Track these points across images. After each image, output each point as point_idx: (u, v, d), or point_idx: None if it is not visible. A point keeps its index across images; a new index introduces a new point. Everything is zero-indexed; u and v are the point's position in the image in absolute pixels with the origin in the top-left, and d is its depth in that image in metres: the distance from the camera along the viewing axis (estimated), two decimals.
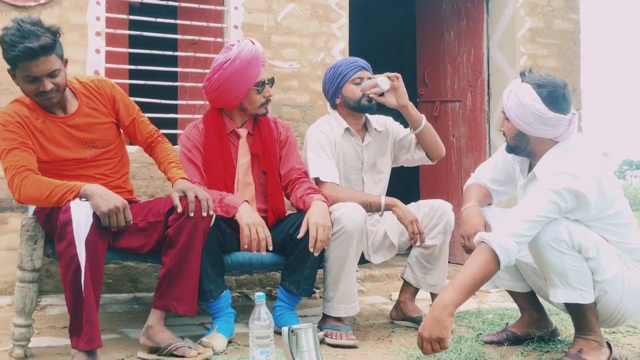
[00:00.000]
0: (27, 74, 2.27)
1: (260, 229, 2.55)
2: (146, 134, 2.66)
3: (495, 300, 3.60)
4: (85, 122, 2.48)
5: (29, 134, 2.36)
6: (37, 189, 2.23)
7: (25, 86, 2.31)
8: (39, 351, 2.45)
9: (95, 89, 2.55)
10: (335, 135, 2.98)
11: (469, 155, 4.72)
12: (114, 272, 3.51)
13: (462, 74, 4.78)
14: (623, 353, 2.46)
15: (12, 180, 2.26)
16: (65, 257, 2.12)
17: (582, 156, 2.21)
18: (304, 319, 2.94)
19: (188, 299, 2.39)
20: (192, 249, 2.38)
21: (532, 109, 2.23)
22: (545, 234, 2.14)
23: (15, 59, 2.24)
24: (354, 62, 3.00)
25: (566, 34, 4.67)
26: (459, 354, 2.35)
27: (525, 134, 2.31)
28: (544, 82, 2.25)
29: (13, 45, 2.21)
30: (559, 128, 2.26)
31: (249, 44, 2.75)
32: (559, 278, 2.17)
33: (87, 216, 2.14)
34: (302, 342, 2.11)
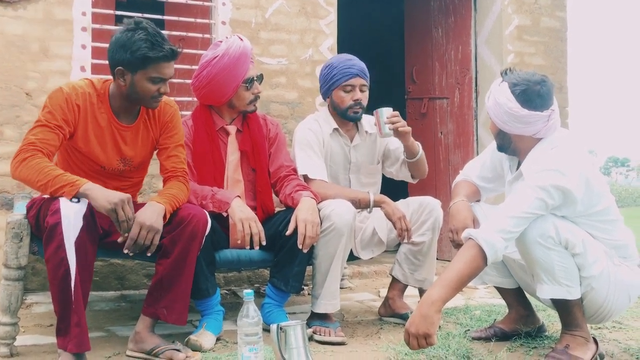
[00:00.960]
0: (157, 75, 2.32)
1: (253, 223, 2.55)
2: (171, 166, 2.53)
3: (483, 297, 3.62)
4: (133, 138, 2.48)
5: (77, 120, 2.34)
6: (36, 173, 2.18)
7: (148, 87, 2.33)
8: (25, 349, 2.43)
9: (157, 109, 2.52)
10: (324, 134, 2.98)
11: (456, 152, 4.73)
12: (100, 269, 3.48)
13: (450, 71, 4.79)
14: (609, 348, 2.48)
15: (19, 153, 2.23)
16: (54, 260, 2.09)
17: (569, 153, 2.23)
18: (292, 316, 2.94)
19: (179, 309, 2.38)
20: (187, 261, 2.37)
21: (505, 108, 2.27)
22: (532, 230, 2.15)
23: (153, 59, 2.28)
24: (348, 68, 2.92)
25: (553, 32, 4.70)
26: (446, 350, 2.36)
27: (505, 133, 2.34)
28: (519, 81, 2.28)
29: (157, 45, 2.27)
30: (535, 125, 2.27)
31: (237, 40, 2.74)
32: (545, 274, 2.19)
33: (77, 218, 2.11)
34: (291, 340, 2.11)
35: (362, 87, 2.94)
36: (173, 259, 2.35)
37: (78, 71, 3.39)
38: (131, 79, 2.33)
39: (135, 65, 2.30)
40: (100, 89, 2.41)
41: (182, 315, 2.39)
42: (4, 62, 3.28)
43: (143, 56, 2.28)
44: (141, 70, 2.31)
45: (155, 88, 2.35)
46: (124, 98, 2.40)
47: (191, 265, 2.39)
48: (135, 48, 2.27)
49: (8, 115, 3.29)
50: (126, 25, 2.32)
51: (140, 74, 2.31)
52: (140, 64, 2.29)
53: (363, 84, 2.94)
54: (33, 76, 3.33)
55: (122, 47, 2.29)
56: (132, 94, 2.37)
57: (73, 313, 2.10)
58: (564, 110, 4.75)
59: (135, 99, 2.39)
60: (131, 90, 2.35)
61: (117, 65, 2.32)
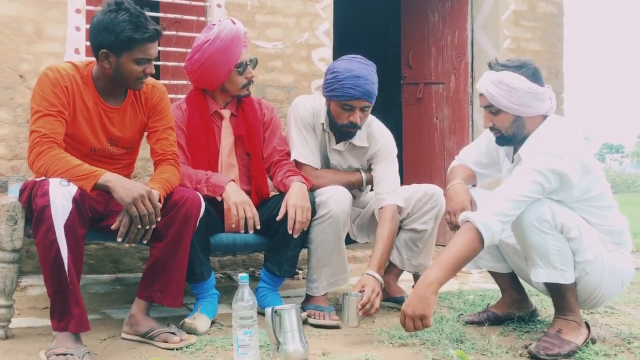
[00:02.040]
0: (142, 56, 2.29)
1: (248, 207, 2.55)
2: (161, 149, 2.51)
3: (477, 282, 3.64)
4: (121, 119, 2.45)
5: (70, 102, 2.32)
6: (54, 165, 2.18)
7: (132, 68, 2.30)
8: (20, 332, 2.43)
9: (145, 92, 2.50)
10: (322, 118, 2.85)
11: (452, 138, 4.74)
12: (95, 252, 3.48)
13: (446, 56, 4.78)
14: (601, 333, 2.50)
15: (34, 147, 2.22)
16: (44, 243, 2.08)
17: (566, 137, 2.24)
18: (287, 299, 2.95)
19: (174, 292, 2.38)
20: (181, 244, 2.37)
21: (525, 89, 2.26)
22: (528, 214, 2.17)
23: (139, 41, 2.25)
24: (352, 89, 2.63)
25: (550, 17, 4.68)
26: (440, 333, 2.38)
27: (521, 118, 2.31)
28: (520, 64, 2.31)
29: (141, 26, 2.24)
30: (546, 101, 2.31)
31: (230, 23, 2.70)
32: (540, 258, 2.20)
33: (66, 201, 2.09)
34: (286, 323, 2.13)
35: (364, 108, 2.71)
36: (167, 242, 2.35)
37: (72, 53, 3.36)
38: (116, 61, 2.30)
39: (120, 48, 2.27)
40: (84, 71, 2.38)
41: (177, 298, 2.40)
42: None
43: (128, 38, 2.24)
44: (126, 52, 2.28)
45: (141, 69, 2.32)
46: (109, 80, 2.37)
47: (185, 249, 2.39)
48: (119, 30, 2.23)
49: (2, 97, 3.27)
50: (108, 6, 2.27)
51: (125, 56, 2.28)
52: (125, 46, 2.26)
53: (365, 105, 2.70)
54: (27, 58, 3.30)
55: (105, 30, 2.25)
56: (117, 76, 2.34)
57: (70, 294, 2.10)
58: (560, 96, 4.75)
59: (120, 81, 2.36)
60: (116, 72, 2.32)
61: (101, 48, 2.29)
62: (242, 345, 2.07)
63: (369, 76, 2.69)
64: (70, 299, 2.11)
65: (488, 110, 2.35)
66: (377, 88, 2.75)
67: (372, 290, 2.48)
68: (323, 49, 3.97)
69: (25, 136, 3.28)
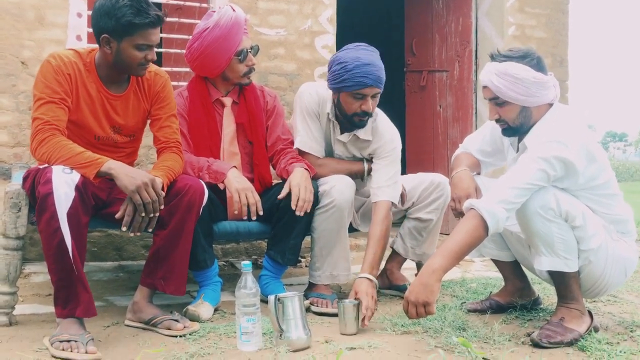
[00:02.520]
0: (143, 42, 2.27)
1: (250, 193, 2.55)
2: (164, 137, 2.50)
3: (479, 270, 3.64)
4: (124, 107, 2.45)
5: (73, 90, 2.32)
6: (57, 152, 2.18)
7: (134, 54, 2.29)
8: (24, 318, 2.44)
9: (148, 79, 2.49)
10: (328, 106, 2.81)
11: (455, 126, 4.72)
12: (98, 240, 3.49)
13: (450, 44, 4.75)
14: (604, 321, 2.51)
15: (36, 134, 2.21)
16: (48, 231, 2.09)
17: (571, 125, 2.23)
18: (289, 287, 2.96)
19: (176, 280, 2.38)
20: (184, 232, 2.37)
21: (531, 79, 2.24)
22: (533, 202, 2.16)
23: (139, 26, 2.24)
24: (363, 77, 2.60)
25: (555, 4, 4.65)
26: (442, 321, 2.38)
27: (528, 108, 2.29)
28: (523, 54, 2.28)
29: (142, 11, 2.23)
30: (551, 89, 2.29)
31: (230, 10, 2.67)
32: (544, 246, 2.20)
33: (69, 188, 2.09)
34: (289, 310, 2.13)
35: (374, 95, 2.68)
36: (170, 230, 2.35)
37: (74, 40, 3.35)
38: (117, 46, 2.29)
39: (121, 33, 2.26)
40: (87, 58, 2.38)
41: (180, 286, 2.40)
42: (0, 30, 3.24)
43: (128, 23, 2.23)
44: (127, 37, 2.27)
45: (142, 55, 2.31)
46: (111, 67, 2.36)
47: (188, 236, 2.39)
48: (120, 15, 2.23)
49: (4, 84, 3.26)
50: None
51: (126, 41, 2.27)
52: (126, 31, 2.25)
53: (376, 92, 2.67)
54: (29, 45, 3.29)
55: (107, 14, 2.25)
56: (118, 62, 2.33)
57: (77, 280, 2.11)
58: (564, 83, 4.72)
59: (121, 67, 2.35)
60: (117, 58, 2.31)
61: (102, 33, 2.28)
62: (245, 333, 2.09)
63: (377, 62, 2.66)
64: (78, 285, 2.11)
65: (493, 102, 2.32)
66: (384, 73, 2.72)
67: (367, 294, 2.43)
68: (326, 36, 3.94)
69: (27, 123, 3.27)
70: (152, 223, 2.27)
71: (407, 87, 5.09)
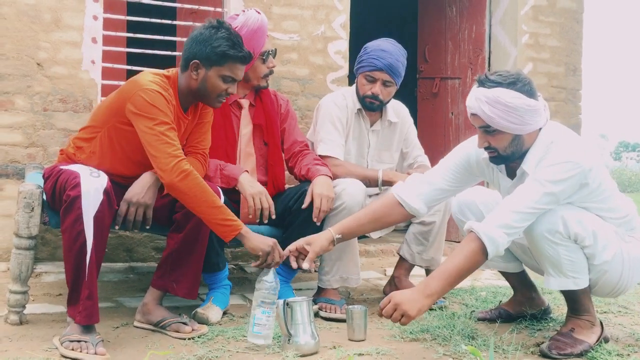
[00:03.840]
0: (230, 74, 2.36)
1: (264, 198, 2.58)
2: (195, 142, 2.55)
3: (489, 278, 3.62)
4: (185, 130, 2.49)
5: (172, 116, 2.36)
6: (201, 195, 2.24)
7: (218, 84, 2.36)
8: (35, 318, 2.46)
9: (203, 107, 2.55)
10: (349, 111, 2.98)
11: (467, 133, 4.70)
12: (109, 241, 3.45)
13: (463, 51, 4.74)
14: (614, 332, 2.49)
15: (177, 165, 2.23)
16: (71, 232, 2.11)
17: (571, 142, 2.17)
18: (298, 292, 2.96)
19: (189, 283, 2.40)
20: (200, 236, 2.39)
21: (525, 107, 2.11)
22: (539, 225, 2.12)
23: (231, 58, 2.33)
24: (375, 59, 2.83)
25: (569, 13, 4.63)
26: (452, 330, 2.38)
27: (520, 136, 2.16)
28: (514, 79, 2.12)
29: (237, 45, 2.34)
30: (544, 113, 2.19)
31: (255, 13, 2.73)
32: (552, 267, 2.18)
33: (97, 193, 2.12)
34: (297, 315, 2.14)
35: (385, 82, 2.87)
36: (185, 234, 2.37)
37: (89, 42, 3.38)
38: (204, 73, 2.35)
39: (212, 61, 2.33)
40: (169, 81, 2.40)
41: (193, 289, 2.42)
42: (16, 31, 3.27)
43: (223, 53, 2.32)
44: (216, 66, 2.34)
45: (225, 87, 2.37)
46: (191, 93, 2.40)
47: (204, 241, 2.41)
48: (217, 44, 2.32)
49: (19, 85, 3.29)
50: (210, 23, 2.37)
51: (214, 70, 2.34)
52: (218, 60, 2.33)
53: (387, 79, 2.86)
54: (44, 46, 3.32)
55: (204, 42, 2.33)
56: (201, 89, 2.38)
57: (84, 286, 2.12)
58: (578, 93, 4.70)
59: (202, 94, 2.39)
60: (202, 85, 2.37)
61: (194, 59, 2.34)
62: (258, 324, 2.13)
63: (395, 53, 2.86)
64: (83, 291, 2.12)
65: (483, 130, 2.18)
66: (402, 70, 2.89)
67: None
68: (339, 42, 3.95)
69: (42, 124, 3.31)
70: (147, 221, 2.35)
71: (419, 93, 5.09)
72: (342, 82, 3.94)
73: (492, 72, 2.20)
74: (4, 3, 3.25)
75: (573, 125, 4.64)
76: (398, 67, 2.86)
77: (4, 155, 3.27)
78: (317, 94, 3.79)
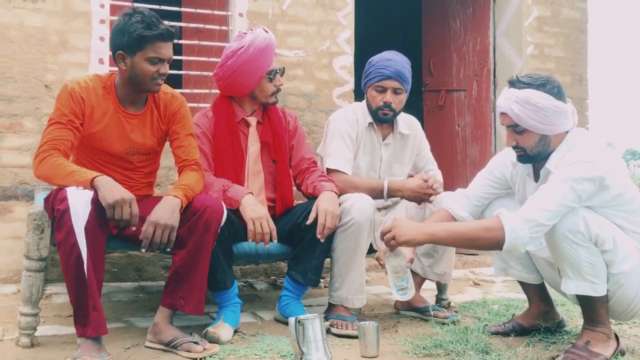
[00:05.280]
0: (155, 55, 2.37)
1: (265, 222, 2.55)
2: (184, 155, 2.56)
3: (501, 291, 3.59)
4: (141, 126, 2.52)
5: (84, 112, 2.40)
6: (53, 171, 2.26)
7: (146, 68, 2.38)
8: (46, 340, 2.45)
9: (164, 100, 2.57)
10: (360, 126, 2.99)
11: (474, 145, 4.70)
12: (118, 261, 3.50)
13: (468, 63, 4.75)
14: (630, 344, 2.45)
15: (38, 154, 2.30)
16: (65, 246, 2.12)
17: (594, 145, 2.21)
18: (308, 308, 2.94)
19: (196, 299, 2.39)
20: (202, 250, 2.38)
21: (553, 108, 2.20)
22: (561, 224, 2.13)
23: (150, 39, 2.34)
24: (383, 69, 2.88)
25: (573, 23, 4.64)
26: (465, 344, 2.35)
27: (547, 136, 2.26)
28: (544, 81, 2.24)
29: (152, 25, 2.34)
30: (571, 117, 2.27)
31: (263, 32, 2.75)
32: (571, 269, 2.16)
33: (85, 204, 2.13)
34: (309, 333, 2.12)
35: (396, 90, 2.90)
36: (188, 250, 2.36)
37: (96, 63, 3.40)
38: (131, 61, 2.38)
39: (134, 47, 2.36)
40: (107, 80, 2.48)
41: (199, 305, 2.41)
42: (24, 54, 3.30)
43: (139, 36, 2.34)
44: (139, 51, 2.36)
45: (155, 69, 2.39)
46: (128, 85, 2.45)
47: (206, 256, 2.40)
48: (132, 30, 2.34)
49: (27, 107, 3.31)
50: (124, 12, 2.41)
51: (139, 55, 2.37)
52: (138, 44, 2.35)
53: (397, 87, 2.89)
54: (52, 68, 3.35)
55: (121, 31, 2.37)
56: (133, 77, 2.41)
57: (88, 297, 2.12)
58: (584, 102, 4.69)
59: (136, 82, 2.42)
60: (132, 73, 2.40)
61: (117, 50, 2.39)
62: (401, 289, 2.41)
63: (400, 60, 2.94)
64: (89, 302, 2.13)
65: (512, 129, 2.29)
66: (409, 76, 2.93)
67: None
68: (344, 57, 3.97)
69: None
70: (169, 244, 2.31)
71: (425, 106, 5.09)
72: (348, 97, 3.95)
73: (524, 74, 2.32)
74: (11, 26, 3.28)
75: None
76: (405, 73, 2.91)
77: (13, 177, 3.28)
78: (324, 110, 3.80)
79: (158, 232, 2.27)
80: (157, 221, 2.28)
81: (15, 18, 3.29)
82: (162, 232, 2.28)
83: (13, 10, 3.28)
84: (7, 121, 3.28)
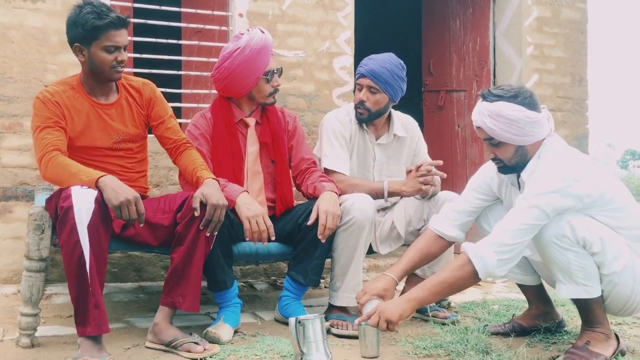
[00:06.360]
0: (110, 43, 2.39)
1: (261, 220, 2.54)
2: (174, 135, 2.65)
3: (501, 291, 3.60)
4: (120, 114, 2.55)
5: (64, 114, 2.43)
6: (60, 171, 2.28)
7: (104, 57, 2.41)
8: (46, 340, 2.45)
9: (136, 87, 2.62)
10: (353, 126, 2.99)
11: (474, 146, 4.70)
12: (119, 261, 3.50)
13: (468, 63, 4.75)
14: (630, 344, 2.46)
15: (42, 158, 2.33)
16: (68, 245, 2.13)
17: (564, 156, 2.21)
18: (309, 309, 2.94)
19: (191, 296, 2.40)
20: (197, 247, 2.39)
21: (525, 119, 2.19)
22: (547, 231, 2.13)
23: (102, 28, 2.36)
24: (361, 66, 2.92)
25: (573, 24, 4.64)
26: (465, 345, 2.35)
27: (523, 146, 2.25)
28: (515, 93, 2.22)
29: (103, 14, 2.37)
30: (547, 125, 2.26)
31: (259, 33, 2.74)
32: (562, 274, 2.17)
33: (89, 202, 2.14)
34: (309, 333, 2.12)
35: (370, 88, 2.89)
36: (186, 246, 2.38)
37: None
38: (88, 52, 2.42)
39: (88, 38, 2.39)
40: (72, 81, 2.52)
41: (195, 302, 2.41)
42: (24, 54, 3.30)
43: (92, 27, 2.37)
44: (94, 41, 2.39)
45: (112, 57, 2.42)
46: (90, 77, 2.48)
47: (201, 252, 2.41)
48: (84, 21, 2.37)
49: (27, 107, 3.30)
50: (75, 5, 2.44)
51: (94, 45, 2.40)
52: (92, 35, 2.38)
53: (371, 85, 2.88)
54: (52, 68, 3.34)
55: (74, 24, 2.41)
56: (93, 68, 2.44)
57: (90, 295, 2.13)
58: (584, 102, 4.70)
59: (97, 73, 2.46)
60: (91, 64, 2.43)
61: (74, 43, 2.43)
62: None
63: (382, 60, 2.90)
64: (90, 300, 2.13)
65: (488, 142, 2.29)
66: (391, 79, 2.88)
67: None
68: (344, 57, 3.97)
69: None
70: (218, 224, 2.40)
71: (425, 107, 5.09)
72: (348, 97, 3.95)
73: (496, 86, 2.31)
74: (11, 27, 3.28)
75: (580, 135, 4.63)
76: (382, 73, 2.85)
77: (14, 177, 3.28)
78: (324, 110, 3.80)
79: (217, 212, 2.36)
80: (217, 203, 2.35)
81: (15, 18, 3.28)
82: (221, 212, 2.37)
83: (13, 11, 3.28)
84: (7, 121, 3.27)
